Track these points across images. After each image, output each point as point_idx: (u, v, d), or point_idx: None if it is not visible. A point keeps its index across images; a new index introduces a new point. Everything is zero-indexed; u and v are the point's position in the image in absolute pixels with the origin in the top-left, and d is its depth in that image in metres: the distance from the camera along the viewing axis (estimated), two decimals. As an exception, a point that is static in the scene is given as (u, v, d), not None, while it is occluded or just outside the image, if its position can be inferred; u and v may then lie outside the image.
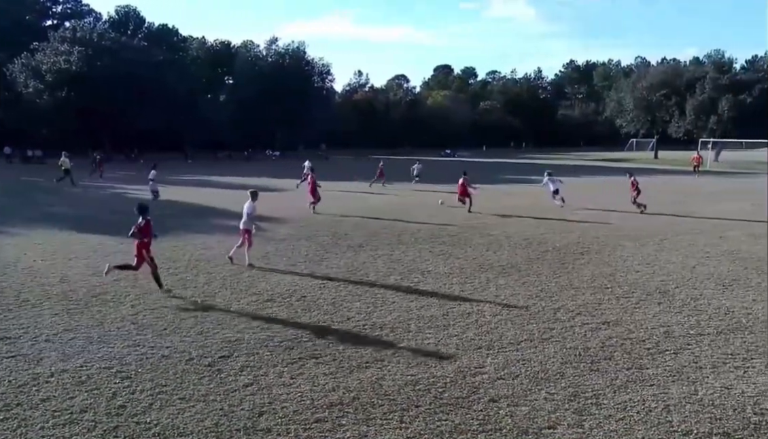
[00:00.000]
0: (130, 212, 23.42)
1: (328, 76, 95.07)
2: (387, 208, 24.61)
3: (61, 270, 13.29)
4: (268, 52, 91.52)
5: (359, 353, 8.50)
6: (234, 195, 30.22)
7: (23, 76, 68.23)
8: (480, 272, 13.41)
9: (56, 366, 7.94)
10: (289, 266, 13.94)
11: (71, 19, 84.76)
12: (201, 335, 9.17)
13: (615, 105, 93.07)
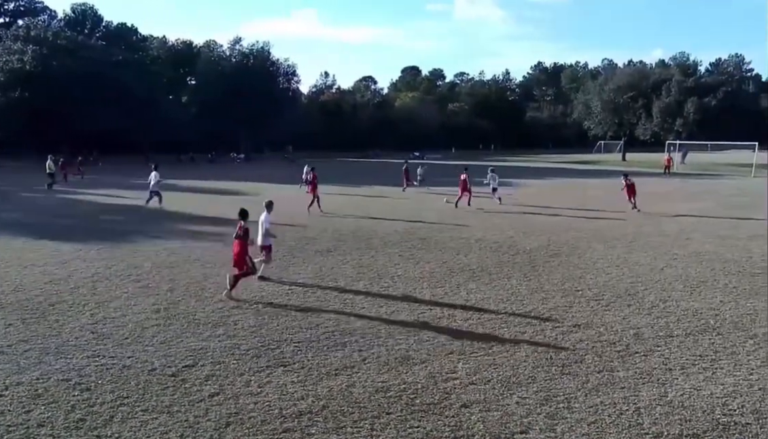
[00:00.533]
0: (87, 217, 23.13)
1: (293, 77, 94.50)
2: (355, 212, 24.56)
3: (15, 278, 12.95)
4: (231, 53, 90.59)
5: (328, 360, 8.47)
6: (196, 199, 29.94)
7: (-27, 75, 66.41)
8: (450, 276, 13.48)
9: (11, 379, 7.73)
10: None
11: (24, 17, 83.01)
12: (164, 344, 9.03)
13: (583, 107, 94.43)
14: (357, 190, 34.77)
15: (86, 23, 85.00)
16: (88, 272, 13.64)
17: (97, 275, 13.29)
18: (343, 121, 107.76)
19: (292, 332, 9.67)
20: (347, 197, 31.01)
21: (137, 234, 19.00)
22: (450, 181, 37.30)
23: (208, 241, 17.69)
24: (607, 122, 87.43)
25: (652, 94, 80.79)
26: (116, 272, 13.67)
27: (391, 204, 27.70)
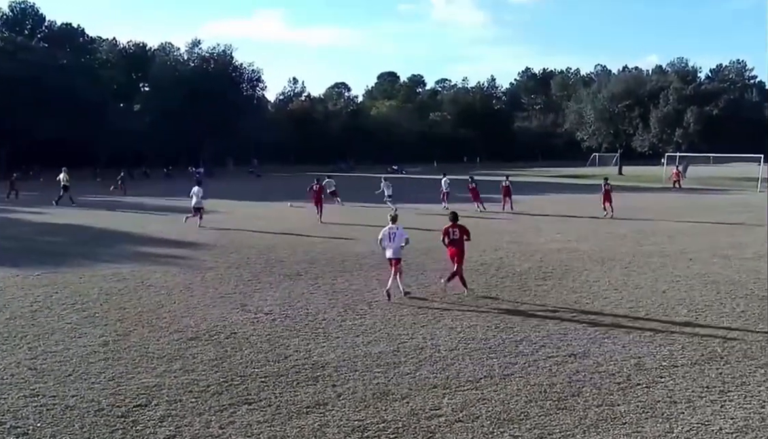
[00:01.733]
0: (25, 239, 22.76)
1: (258, 83, 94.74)
2: (327, 231, 24.50)
3: (-57, 308, 12.64)
4: (189, 56, 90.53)
5: (299, 397, 8.35)
6: (149, 218, 29.62)
7: None
8: (433, 301, 13.44)
9: (-64, 423, 7.50)
10: (217, 298, 13.65)
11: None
12: (113, 381, 8.84)
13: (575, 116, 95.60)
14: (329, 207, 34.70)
15: (26, 23, 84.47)
16: (26, 300, 13.36)
17: (37, 304, 13.03)
18: (314, 132, 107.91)
19: (257, 365, 9.53)
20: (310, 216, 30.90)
21: (83, 257, 18.73)
22: (429, 197, 37.49)
23: (163, 265, 17.48)
24: (602, 133, 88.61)
25: (649, 102, 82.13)
26: (58, 300, 13.41)
27: (366, 222, 27.66)
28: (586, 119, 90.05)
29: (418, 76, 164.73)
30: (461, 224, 14.82)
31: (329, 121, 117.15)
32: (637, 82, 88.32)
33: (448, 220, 15.14)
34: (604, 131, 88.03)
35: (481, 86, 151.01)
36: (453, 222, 14.67)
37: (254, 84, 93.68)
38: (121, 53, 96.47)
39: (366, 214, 31.42)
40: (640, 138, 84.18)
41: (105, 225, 26.56)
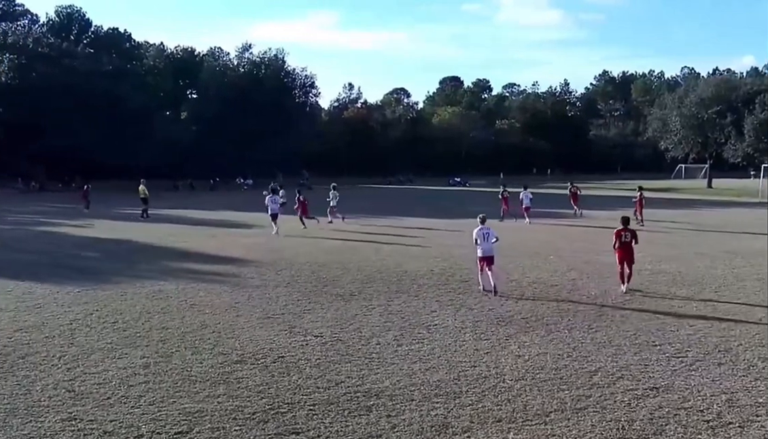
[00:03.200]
0: (65, 253, 23.49)
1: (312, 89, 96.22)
2: (382, 249, 24.56)
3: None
4: (240, 61, 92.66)
5: (350, 427, 8.35)
6: (194, 232, 30.23)
7: (-59, 88, 68.71)
8: (498, 326, 13.30)
9: (-29, 445, 7.78)
10: (264, 318, 13.81)
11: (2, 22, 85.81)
12: (153, 406, 9.01)
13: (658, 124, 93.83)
14: (384, 222, 34.85)
15: (72, 28, 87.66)
16: (65, 318, 13.78)
17: (76, 323, 13.41)
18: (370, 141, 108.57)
19: (306, 392, 9.58)
20: (372, 231, 31.06)
21: (124, 274, 19.23)
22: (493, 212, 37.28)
23: (208, 282, 17.81)
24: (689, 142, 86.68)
25: (744, 108, 79.82)
26: (98, 318, 13.79)
27: (425, 239, 27.64)
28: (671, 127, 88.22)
29: (484, 80, 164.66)
30: (632, 228, 17.01)
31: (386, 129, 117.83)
32: (730, 86, 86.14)
33: (619, 224, 17.15)
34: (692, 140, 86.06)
35: (553, 91, 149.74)
36: (624, 226, 16.86)
37: (307, 90, 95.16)
38: (169, 59, 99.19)
39: (422, 232, 31.40)
40: (733, 148, 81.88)
41: (148, 240, 27.23)
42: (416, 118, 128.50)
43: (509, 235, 28.54)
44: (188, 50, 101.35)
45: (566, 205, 41.62)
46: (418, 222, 35.49)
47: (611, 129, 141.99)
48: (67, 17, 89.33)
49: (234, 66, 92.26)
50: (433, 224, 33.99)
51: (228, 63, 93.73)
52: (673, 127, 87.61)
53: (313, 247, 24.95)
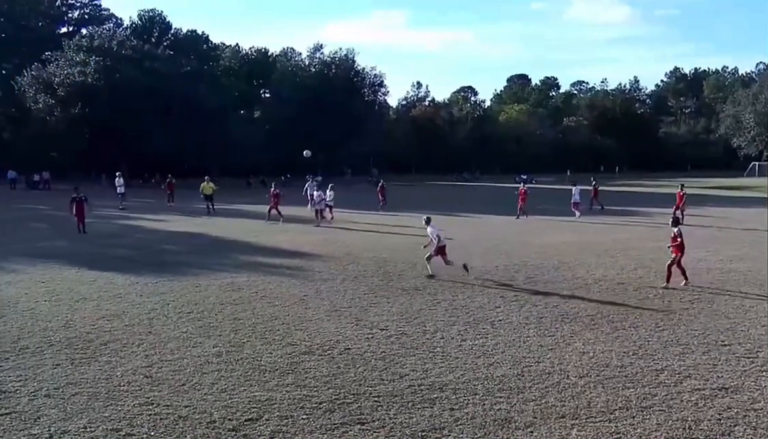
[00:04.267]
0: (145, 246, 24.17)
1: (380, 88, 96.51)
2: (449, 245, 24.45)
3: (66, 313, 13.65)
4: (311, 61, 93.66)
5: (414, 419, 8.35)
6: (266, 227, 30.67)
7: (33, 90, 71.54)
8: (563, 322, 13.10)
9: (56, 426, 8.08)
10: (332, 311, 13.95)
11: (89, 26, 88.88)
12: (225, 393, 9.21)
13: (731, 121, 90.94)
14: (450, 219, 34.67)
15: (153, 31, 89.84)
16: (144, 307, 14.21)
17: (154, 312, 13.82)
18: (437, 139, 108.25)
19: (371, 383, 9.64)
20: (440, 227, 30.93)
21: (199, 266, 19.68)
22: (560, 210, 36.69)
23: (278, 275, 18.07)
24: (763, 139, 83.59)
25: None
26: (175, 308, 14.17)
27: (491, 235, 27.41)
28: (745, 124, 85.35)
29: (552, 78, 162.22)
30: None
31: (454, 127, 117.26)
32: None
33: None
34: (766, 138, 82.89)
35: (622, 89, 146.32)
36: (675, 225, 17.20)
37: (376, 89, 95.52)
38: (243, 59, 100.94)
39: (488, 228, 31.17)
40: (810, 145, 78.61)
41: (220, 234, 27.79)
42: (483, 116, 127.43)
43: (573, 234, 28.18)
44: (262, 51, 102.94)
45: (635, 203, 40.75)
46: (483, 218, 35.22)
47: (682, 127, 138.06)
48: (149, 20, 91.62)
49: (305, 66, 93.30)
50: (499, 221, 33.70)
51: (300, 63, 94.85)
52: (747, 125, 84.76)
53: (379, 243, 25.05)
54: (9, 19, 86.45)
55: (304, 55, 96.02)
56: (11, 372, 9.98)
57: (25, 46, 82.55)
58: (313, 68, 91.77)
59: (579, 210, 35.54)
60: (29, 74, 72.30)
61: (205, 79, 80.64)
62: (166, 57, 77.56)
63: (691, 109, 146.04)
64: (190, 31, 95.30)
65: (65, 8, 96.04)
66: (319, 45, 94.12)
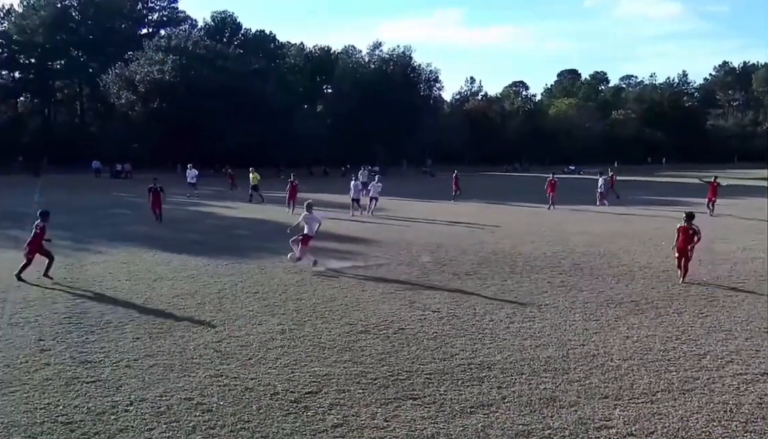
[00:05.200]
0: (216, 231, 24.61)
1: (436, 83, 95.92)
2: (497, 231, 24.27)
3: (145, 292, 14.05)
4: (370, 58, 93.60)
5: (463, 396, 8.35)
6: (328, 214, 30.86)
7: (116, 87, 73.45)
8: (608, 307, 12.88)
9: (135, 394, 8.34)
10: (387, 293, 14.00)
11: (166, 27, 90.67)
12: (287, 368, 9.35)
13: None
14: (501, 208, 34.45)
15: (225, 31, 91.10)
16: (215, 287, 14.52)
17: (224, 292, 14.11)
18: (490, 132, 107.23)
19: (423, 361, 9.66)
20: (489, 215, 30.74)
21: (264, 250, 20.00)
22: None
23: (337, 259, 18.21)
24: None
25: None
26: (242, 288, 14.43)
27: (538, 224, 27.07)
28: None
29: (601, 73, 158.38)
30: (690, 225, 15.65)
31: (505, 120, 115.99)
32: None
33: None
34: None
35: (671, 82, 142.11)
36: (688, 221, 15.72)
37: (431, 84, 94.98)
38: (308, 57, 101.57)
39: (536, 216, 30.79)
40: None
41: (284, 220, 28.03)
42: (533, 109, 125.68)
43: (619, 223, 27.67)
44: (325, 49, 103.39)
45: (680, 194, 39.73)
46: (532, 207, 34.77)
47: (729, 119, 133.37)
48: (221, 21, 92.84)
49: (365, 63, 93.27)
50: (545, 210, 33.23)
51: (360, 60, 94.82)
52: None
53: (431, 230, 25.01)
54: (96, 23, 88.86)
55: (363, 53, 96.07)
56: (96, 344, 10.34)
57: (110, 47, 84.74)
58: (372, 65, 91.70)
59: (605, 200, 35.75)
60: (113, 73, 74.17)
61: (272, 77, 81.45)
62: (237, 56, 78.55)
63: (739, 102, 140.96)
64: (258, 31, 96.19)
65: (146, 11, 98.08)
66: (378, 43, 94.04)
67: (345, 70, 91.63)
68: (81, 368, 9.25)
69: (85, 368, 9.26)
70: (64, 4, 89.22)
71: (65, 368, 9.27)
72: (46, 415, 7.72)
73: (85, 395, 8.32)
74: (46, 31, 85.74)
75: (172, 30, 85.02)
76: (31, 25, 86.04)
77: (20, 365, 9.36)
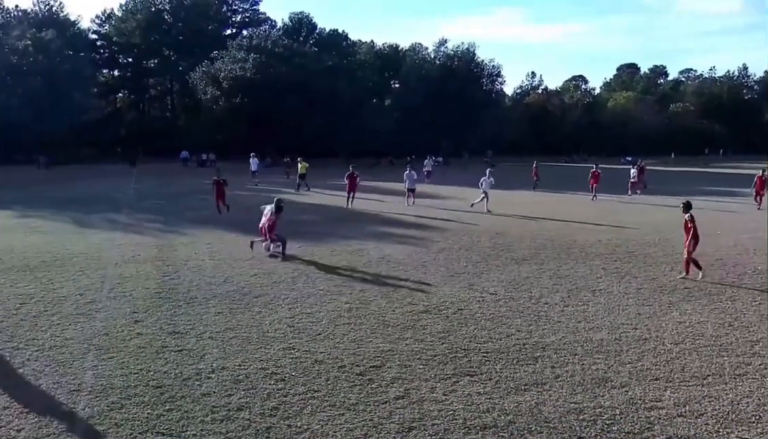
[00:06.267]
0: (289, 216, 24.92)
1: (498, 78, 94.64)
2: (554, 219, 23.84)
3: (226, 271, 14.42)
4: (436, 55, 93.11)
5: (518, 374, 8.29)
6: (391, 200, 30.94)
7: (203, 83, 75.37)
8: (661, 294, 12.53)
9: (217, 363, 8.61)
10: (447, 277, 13.97)
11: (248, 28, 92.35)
12: (354, 343, 9.47)
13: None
14: (557, 197, 33.83)
15: (302, 31, 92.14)
16: (289, 268, 14.78)
17: (297, 272, 14.35)
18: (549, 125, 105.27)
19: (481, 341, 9.63)
20: (545, 204, 30.22)
21: (333, 234, 20.23)
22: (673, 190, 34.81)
23: (400, 243, 18.28)
24: None
25: None
26: (314, 269, 14.65)
27: (595, 212, 26.44)
28: None
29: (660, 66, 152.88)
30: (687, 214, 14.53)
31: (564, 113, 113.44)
32: None
33: None
34: None
35: (731, 76, 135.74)
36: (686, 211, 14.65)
37: (493, 79, 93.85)
38: (377, 54, 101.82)
39: (592, 205, 30.10)
40: None
41: (349, 206, 28.30)
42: (593, 102, 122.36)
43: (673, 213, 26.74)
44: (393, 46, 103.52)
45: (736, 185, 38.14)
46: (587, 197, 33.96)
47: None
48: (298, 22, 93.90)
49: (431, 59, 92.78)
50: (602, 198, 32.42)
51: (426, 57, 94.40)
52: None
53: (491, 217, 24.77)
54: (186, 25, 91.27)
55: (430, 50, 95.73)
56: (183, 317, 10.70)
57: (198, 47, 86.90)
58: (438, 61, 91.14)
59: (638, 189, 35.69)
60: (200, 70, 76.08)
61: (343, 73, 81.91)
62: (312, 54, 79.38)
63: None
64: (332, 30, 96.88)
65: (230, 13, 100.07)
66: (444, 40, 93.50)
67: (412, 66, 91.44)
68: (169, 338, 9.61)
69: (173, 338, 9.60)
70: (158, 7, 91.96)
71: (156, 337, 9.65)
72: (138, 379, 8.06)
73: (173, 362, 8.64)
74: (142, 33, 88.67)
75: (253, 30, 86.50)
76: (128, 27, 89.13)
77: (117, 334, 9.78)
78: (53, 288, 12.59)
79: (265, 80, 69.52)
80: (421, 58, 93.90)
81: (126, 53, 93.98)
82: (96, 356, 8.86)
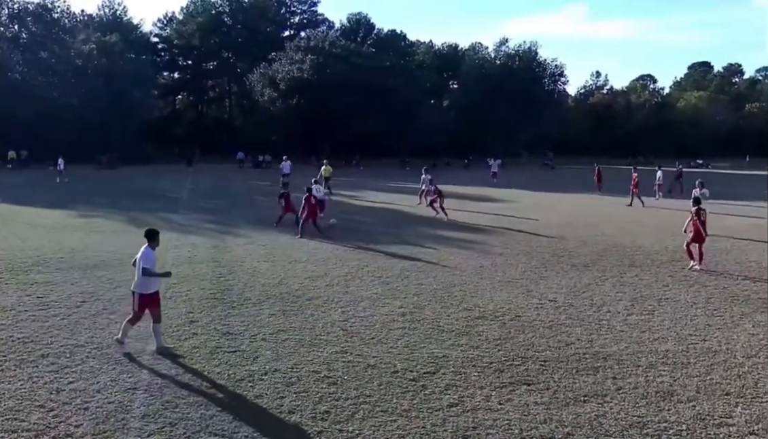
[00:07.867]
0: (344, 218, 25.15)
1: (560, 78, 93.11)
2: (620, 225, 23.27)
3: (280, 273, 14.61)
4: (496, 54, 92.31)
5: (577, 385, 8.12)
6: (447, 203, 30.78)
7: (260, 84, 76.65)
8: (732, 304, 12.07)
9: (270, 365, 8.73)
10: (505, 282, 13.82)
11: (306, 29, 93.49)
12: (407, 348, 9.45)
13: None
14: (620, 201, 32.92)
15: (359, 31, 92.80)
16: (342, 270, 14.87)
17: (350, 274, 14.43)
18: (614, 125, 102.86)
19: (538, 349, 9.47)
20: (607, 207, 29.53)
21: (388, 236, 20.23)
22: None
23: (457, 247, 18.15)
24: None
25: None
26: (367, 272, 14.70)
27: (659, 218, 25.68)
28: None
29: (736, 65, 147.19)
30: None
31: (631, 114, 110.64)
32: None
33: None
34: None
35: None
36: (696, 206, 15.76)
37: (556, 79, 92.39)
38: (435, 54, 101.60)
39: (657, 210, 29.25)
40: None
41: (408, 209, 28.29)
42: (662, 102, 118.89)
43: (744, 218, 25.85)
44: (452, 46, 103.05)
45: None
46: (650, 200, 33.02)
47: None
48: (356, 22, 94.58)
49: (491, 59, 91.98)
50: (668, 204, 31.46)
51: (486, 56, 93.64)
52: None
53: (550, 221, 24.33)
54: (244, 27, 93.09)
55: (490, 49, 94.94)
56: (237, 318, 10.90)
57: (255, 48, 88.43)
58: (498, 61, 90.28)
59: (661, 191, 35.21)
60: (258, 72, 77.38)
61: (401, 73, 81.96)
62: (370, 54, 79.74)
63: None
64: (390, 31, 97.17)
65: (288, 15, 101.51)
66: (505, 39, 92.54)
67: (471, 66, 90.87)
68: (223, 339, 9.79)
69: (227, 339, 9.79)
70: (218, 10, 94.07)
71: (210, 338, 9.85)
72: (192, 379, 8.24)
73: (226, 363, 8.80)
74: (202, 35, 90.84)
75: (311, 32, 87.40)
76: (189, 30, 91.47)
77: (173, 333, 10.02)
78: (112, 287, 13.00)
79: (321, 81, 70.19)
80: (481, 58, 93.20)
81: (186, 55, 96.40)
82: (152, 354, 9.10)
